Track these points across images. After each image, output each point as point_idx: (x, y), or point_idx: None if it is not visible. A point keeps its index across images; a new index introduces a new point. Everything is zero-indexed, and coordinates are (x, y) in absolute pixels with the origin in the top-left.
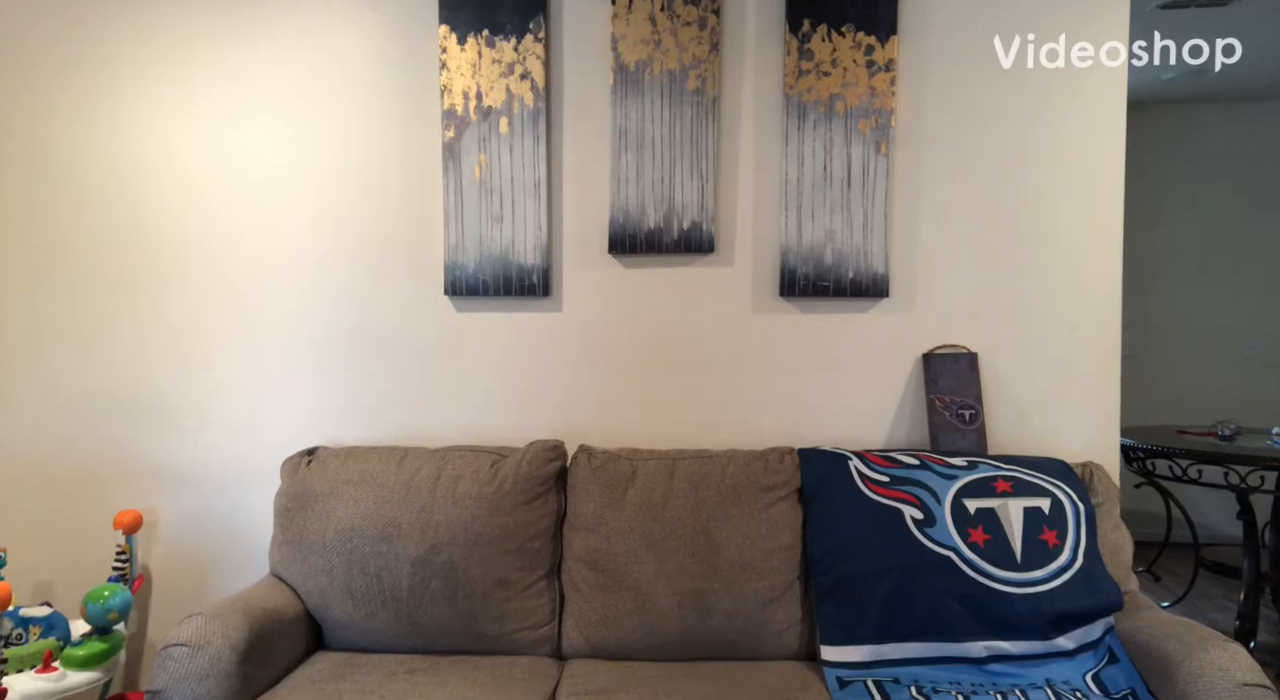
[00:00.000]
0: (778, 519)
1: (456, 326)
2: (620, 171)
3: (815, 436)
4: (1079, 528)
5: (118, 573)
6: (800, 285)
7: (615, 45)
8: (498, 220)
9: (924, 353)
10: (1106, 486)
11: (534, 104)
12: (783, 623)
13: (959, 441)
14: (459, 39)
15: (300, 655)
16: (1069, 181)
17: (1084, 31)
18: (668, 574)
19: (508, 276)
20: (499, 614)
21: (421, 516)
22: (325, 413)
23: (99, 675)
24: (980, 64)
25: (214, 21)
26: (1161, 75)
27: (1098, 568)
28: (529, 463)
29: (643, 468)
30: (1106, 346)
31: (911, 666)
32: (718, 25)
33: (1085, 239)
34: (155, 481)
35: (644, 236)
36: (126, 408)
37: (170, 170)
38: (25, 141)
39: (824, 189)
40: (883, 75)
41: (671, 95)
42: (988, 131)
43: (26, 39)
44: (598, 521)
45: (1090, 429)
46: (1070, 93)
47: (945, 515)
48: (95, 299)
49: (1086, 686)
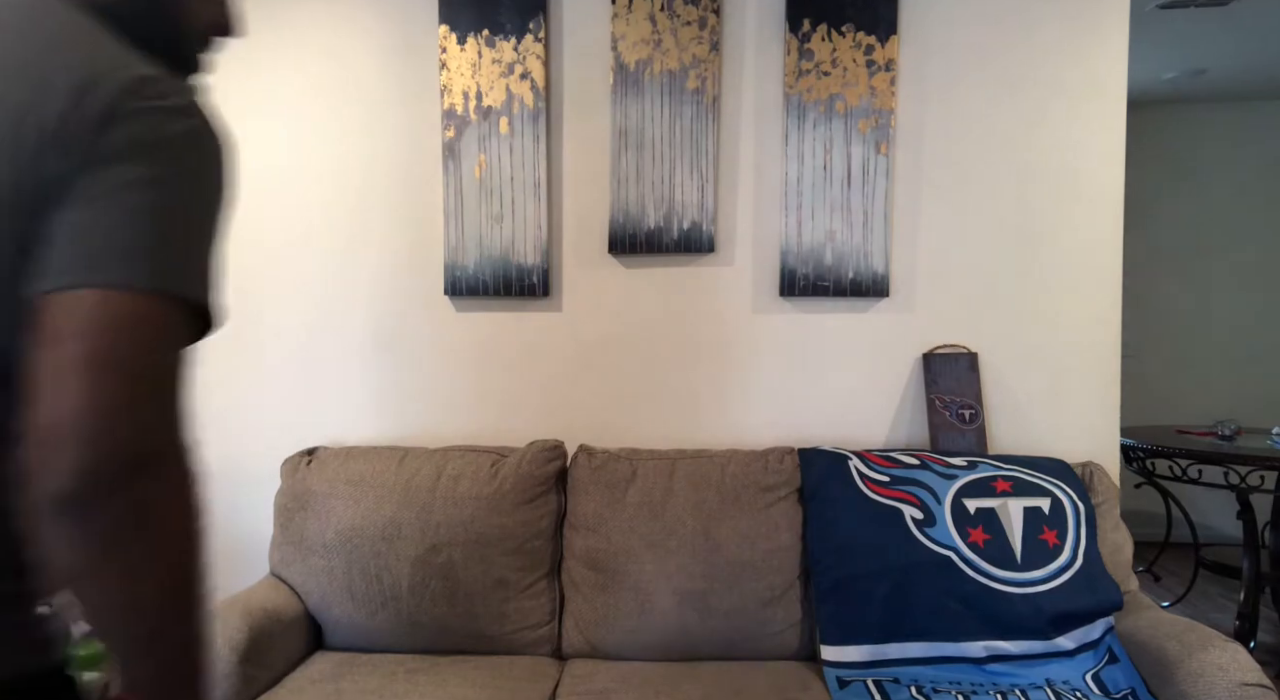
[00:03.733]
0: (778, 519)
1: (456, 326)
2: (620, 171)
3: (815, 436)
4: (1079, 527)
5: None
6: (800, 285)
7: (615, 45)
8: (498, 220)
9: (924, 353)
10: (1106, 486)
11: (534, 104)
12: (783, 623)
13: (959, 441)
14: (459, 39)
15: (300, 655)
16: (1069, 181)
17: (1084, 31)
18: (668, 574)
19: (508, 276)
20: (499, 614)
21: (421, 516)
22: (325, 413)
23: (99, 675)
24: (980, 64)
25: None
26: (1161, 75)
27: (1098, 567)
28: (529, 463)
29: (643, 468)
30: (1106, 346)
31: (911, 666)
32: (718, 25)
33: (1085, 239)
34: None
35: (644, 236)
36: None
37: None
38: None
39: (824, 189)
40: (883, 75)
41: (671, 95)
42: (988, 131)
43: None
44: (598, 521)
45: (1090, 429)
46: (1070, 92)
47: (945, 515)
48: None
49: (1086, 686)
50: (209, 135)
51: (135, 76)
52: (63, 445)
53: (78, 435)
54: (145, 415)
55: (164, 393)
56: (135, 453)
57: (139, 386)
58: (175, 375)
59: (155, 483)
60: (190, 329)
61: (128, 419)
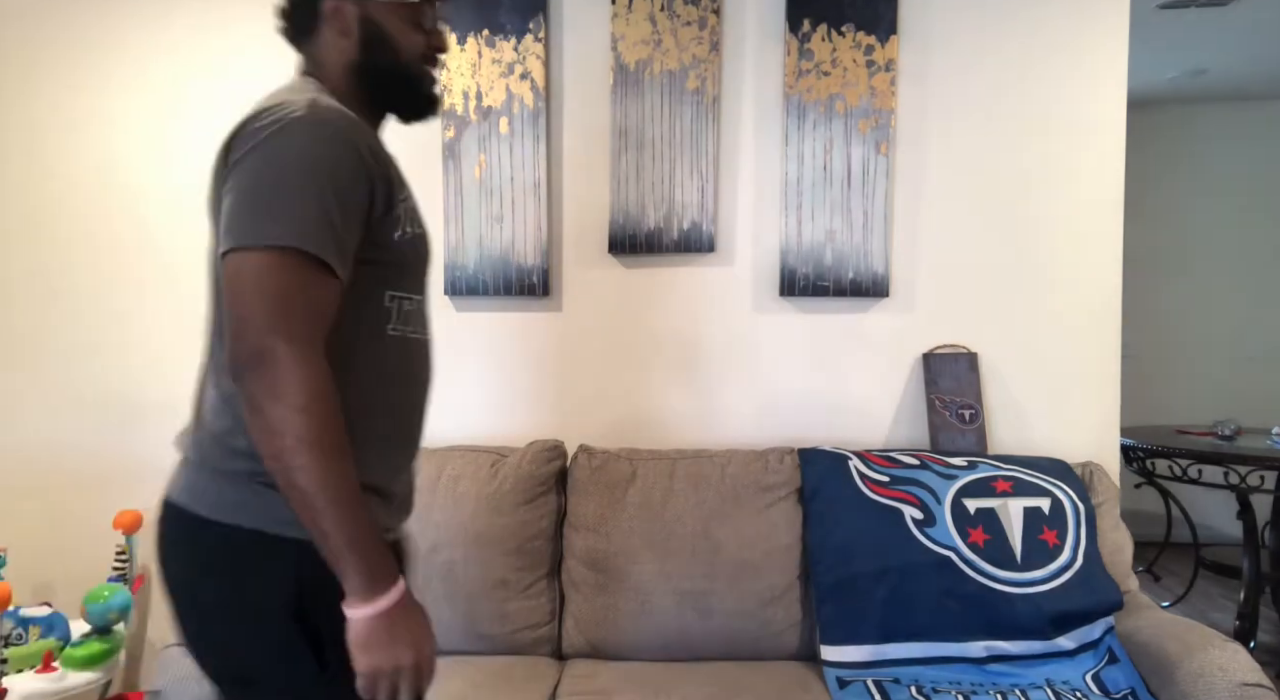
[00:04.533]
0: (778, 519)
1: (456, 326)
2: (620, 171)
3: (815, 436)
4: (1079, 527)
5: (118, 573)
6: (800, 285)
7: (615, 45)
8: (498, 220)
9: (924, 353)
10: (1106, 486)
11: (534, 104)
12: (783, 623)
13: (959, 441)
14: (459, 39)
15: None
16: (1069, 182)
17: (1084, 31)
18: (668, 574)
19: (508, 276)
20: (499, 614)
21: (421, 516)
22: None
23: (99, 675)
24: (980, 64)
25: (205, 19)
26: (1162, 75)
27: (1097, 567)
28: (529, 463)
29: (643, 468)
30: (1106, 346)
31: (911, 666)
32: (718, 25)
33: (1085, 239)
34: (155, 481)
35: (644, 236)
36: (126, 408)
37: (170, 172)
38: (28, 142)
39: (824, 189)
40: (883, 75)
41: (671, 95)
42: (988, 131)
43: (27, 41)
44: (598, 521)
45: (1090, 429)
46: (1070, 93)
47: (945, 515)
48: (96, 299)
49: (1086, 686)
50: (296, 126)
51: (256, 109)
52: (226, 347)
53: (229, 340)
54: (253, 327)
55: (272, 313)
56: (250, 350)
57: (250, 309)
58: (282, 300)
59: (270, 370)
60: (308, 267)
61: (244, 330)
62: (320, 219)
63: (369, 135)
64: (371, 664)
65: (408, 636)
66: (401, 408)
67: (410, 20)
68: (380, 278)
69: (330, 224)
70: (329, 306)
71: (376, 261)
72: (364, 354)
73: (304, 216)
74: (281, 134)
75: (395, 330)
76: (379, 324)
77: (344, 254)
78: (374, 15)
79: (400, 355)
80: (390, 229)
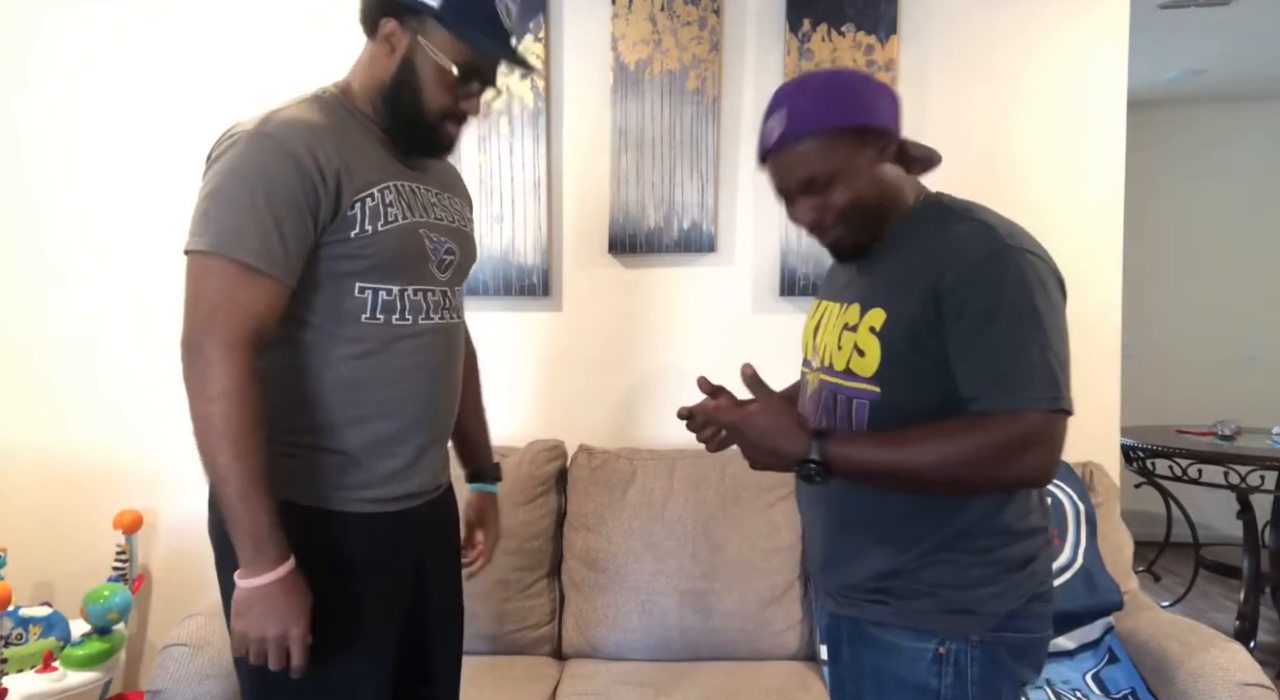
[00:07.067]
0: (778, 519)
1: None
2: (620, 171)
3: None
4: (1079, 527)
5: (118, 573)
6: (801, 285)
7: (615, 45)
8: (498, 220)
9: None
10: (1106, 486)
11: (534, 104)
12: (783, 623)
13: None
14: None
15: None
16: (1069, 182)
17: (1084, 31)
18: (668, 574)
19: (508, 276)
20: (499, 614)
21: None
22: None
23: (99, 675)
24: (980, 64)
25: (209, 25)
26: (1162, 75)
27: (1097, 567)
28: (529, 463)
29: (643, 468)
30: (1106, 347)
31: None
32: (718, 25)
33: (1085, 239)
34: (155, 481)
35: (644, 236)
36: (126, 408)
37: (170, 173)
38: (33, 142)
39: None
40: (883, 75)
41: (671, 95)
42: (988, 132)
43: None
44: (598, 521)
45: (1090, 429)
46: (1070, 93)
47: None
48: (97, 298)
49: (1086, 686)
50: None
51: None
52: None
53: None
54: (187, 325)
55: (206, 312)
56: (184, 345)
57: (187, 307)
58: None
59: (195, 364)
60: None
61: (184, 326)
62: (253, 226)
63: (325, 144)
64: (241, 629)
65: (277, 613)
66: (385, 386)
67: (444, 82)
68: (346, 271)
69: (261, 231)
70: (263, 305)
71: (340, 257)
72: (341, 340)
73: (235, 224)
74: (231, 149)
75: (374, 319)
76: (354, 313)
77: (280, 256)
78: (416, 59)
79: (382, 341)
80: (346, 228)
